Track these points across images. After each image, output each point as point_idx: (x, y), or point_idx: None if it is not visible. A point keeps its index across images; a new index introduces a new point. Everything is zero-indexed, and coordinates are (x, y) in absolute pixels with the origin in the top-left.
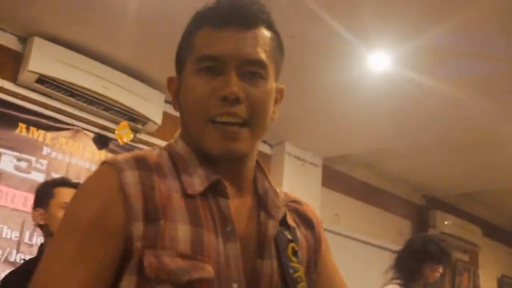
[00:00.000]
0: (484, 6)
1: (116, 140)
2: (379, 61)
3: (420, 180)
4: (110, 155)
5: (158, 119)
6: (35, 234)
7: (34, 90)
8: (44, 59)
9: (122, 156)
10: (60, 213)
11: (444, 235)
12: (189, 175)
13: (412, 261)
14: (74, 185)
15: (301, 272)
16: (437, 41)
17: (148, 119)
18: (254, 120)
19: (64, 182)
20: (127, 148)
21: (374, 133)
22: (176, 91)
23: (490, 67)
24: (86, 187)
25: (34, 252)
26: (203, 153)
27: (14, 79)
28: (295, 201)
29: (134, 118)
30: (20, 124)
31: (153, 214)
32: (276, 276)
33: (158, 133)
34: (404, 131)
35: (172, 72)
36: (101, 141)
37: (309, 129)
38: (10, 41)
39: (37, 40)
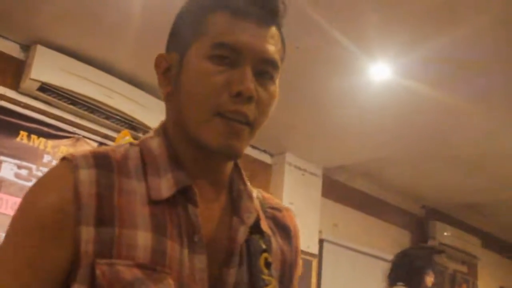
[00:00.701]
0: (485, 17)
1: None
2: (380, 72)
3: (419, 191)
4: None
5: None
6: None
7: (36, 98)
8: (46, 67)
9: (81, 152)
10: None
11: (443, 246)
12: (158, 178)
13: (414, 275)
14: None
15: (272, 286)
16: (437, 52)
17: (149, 128)
18: (256, 122)
19: None
20: None
21: (374, 143)
22: (165, 70)
23: (491, 78)
24: (40, 184)
25: None
26: (192, 145)
27: (16, 87)
28: (274, 207)
29: (135, 127)
30: (21, 132)
31: (108, 218)
32: (244, 286)
33: None
34: (404, 141)
35: None
36: None
37: (310, 139)
38: (12, 49)
39: (39, 48)
